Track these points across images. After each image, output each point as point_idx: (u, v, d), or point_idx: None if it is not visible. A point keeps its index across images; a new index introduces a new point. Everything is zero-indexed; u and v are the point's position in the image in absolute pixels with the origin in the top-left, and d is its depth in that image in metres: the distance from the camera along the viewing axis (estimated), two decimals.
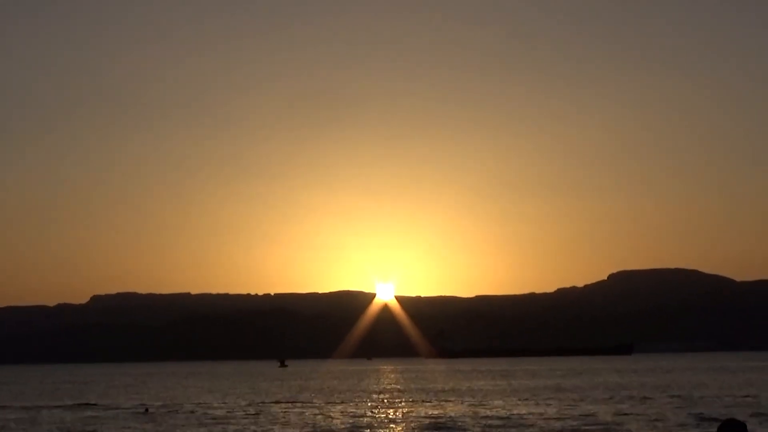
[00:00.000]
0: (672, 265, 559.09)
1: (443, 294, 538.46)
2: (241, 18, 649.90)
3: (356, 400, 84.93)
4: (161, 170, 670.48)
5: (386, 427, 54.56)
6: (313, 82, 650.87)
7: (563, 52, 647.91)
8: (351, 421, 59.49)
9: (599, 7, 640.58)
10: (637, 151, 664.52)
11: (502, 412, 64.12)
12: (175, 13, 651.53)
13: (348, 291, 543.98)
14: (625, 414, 60.60)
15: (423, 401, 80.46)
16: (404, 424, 56.58)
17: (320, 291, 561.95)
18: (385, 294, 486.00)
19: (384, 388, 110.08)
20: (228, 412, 70.83)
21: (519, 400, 79.64)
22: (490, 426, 54.20)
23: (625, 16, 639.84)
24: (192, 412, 71.02)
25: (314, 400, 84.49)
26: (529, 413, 62.80)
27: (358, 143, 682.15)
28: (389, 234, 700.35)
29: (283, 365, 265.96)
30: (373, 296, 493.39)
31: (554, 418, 58.15)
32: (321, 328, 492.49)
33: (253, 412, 68.59)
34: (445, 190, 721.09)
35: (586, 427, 51.59)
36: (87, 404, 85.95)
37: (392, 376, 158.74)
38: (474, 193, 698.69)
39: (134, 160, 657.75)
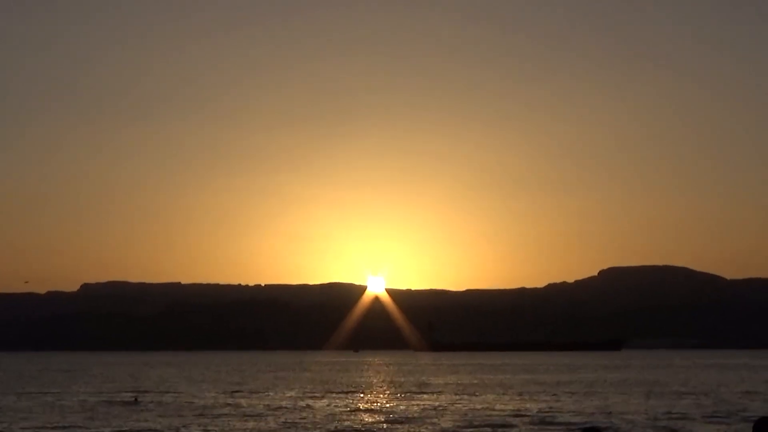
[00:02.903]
0: (662, 263, 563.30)
1: (434, 287, 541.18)
2: (235, 9, 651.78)
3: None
4: (153, 161, 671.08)
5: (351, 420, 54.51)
6: (305, 75, 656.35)
7: (556, 48, 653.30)
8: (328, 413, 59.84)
9: (594, 2, 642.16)
10: (629, 148, 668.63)
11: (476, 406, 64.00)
12: (169, 4, 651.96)
13: (339, 283, 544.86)
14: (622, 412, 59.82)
15: (393, 394, 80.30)
16: (378, 416, 56.49)
17: (311, 283, 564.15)
18: (376, 287, 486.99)
19: (353, 381, 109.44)
20: (214, 401, 70.95)
21: (504, 395, 79.21)
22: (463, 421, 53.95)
23: (619, 12, 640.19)
24: (180, 401, 70.87)
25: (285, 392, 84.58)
26: (510, 410, 62.08)
27: (350, 136, 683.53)
28: (381, 227, 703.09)
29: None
30: (364, 289, 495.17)
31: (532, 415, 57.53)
32: (311, 320, 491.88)
33: (232, 402, 68.79)
34: (437, 184, 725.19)
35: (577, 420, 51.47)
36: (77, 392, 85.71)
37: (375, 369, 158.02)
38: (466, 188, 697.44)
39: (126, 150, 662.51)
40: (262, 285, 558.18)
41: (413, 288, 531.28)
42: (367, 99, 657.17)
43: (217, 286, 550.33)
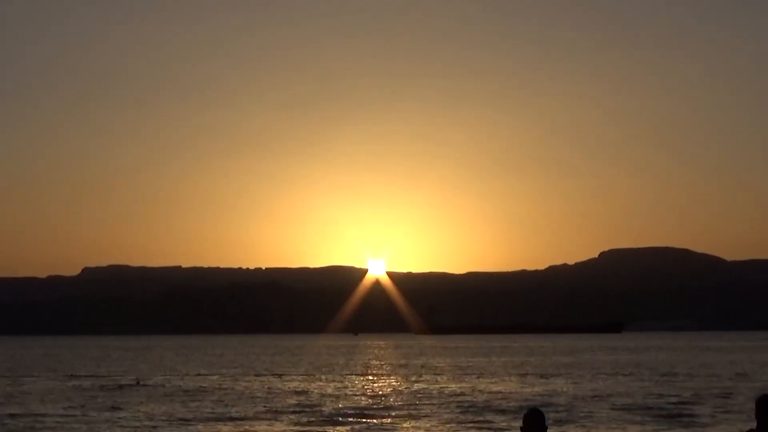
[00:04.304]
0: (662, 244, 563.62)
1: (434, 270, 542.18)
2: None
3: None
4: (153, 144, 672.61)
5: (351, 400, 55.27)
6: (306, 57, 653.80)
7: (555, 27, 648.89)
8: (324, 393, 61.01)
9: None
10: (630, 129, 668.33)
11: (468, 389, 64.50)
12: None
13: (339, 266, 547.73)
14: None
15: (391, 375, 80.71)
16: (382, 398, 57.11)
17: (312, 266, 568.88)
18: (377, 269, 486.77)
19: (350, 362, 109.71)
20: (214, 384, 71.85)
21: (508, 376, 79.73)
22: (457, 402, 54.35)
23: None
24: (181, 384, 71.50)
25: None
26: (510, 390, 62.80)
27: (350, 119, 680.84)
28: (381, 210, 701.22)
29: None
30: (364, 272, 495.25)
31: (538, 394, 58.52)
32: (312, 303, 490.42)
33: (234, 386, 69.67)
34: (438, 166, 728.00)
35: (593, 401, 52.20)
36: (79, 376, 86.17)
37: (375, 352, 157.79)
38: (466, 170, 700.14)
39: (126, 133, 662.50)
40: (263, 268, 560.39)
41: (414, 271, 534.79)
42: (367, 82, 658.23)
43: (217, 269, 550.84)
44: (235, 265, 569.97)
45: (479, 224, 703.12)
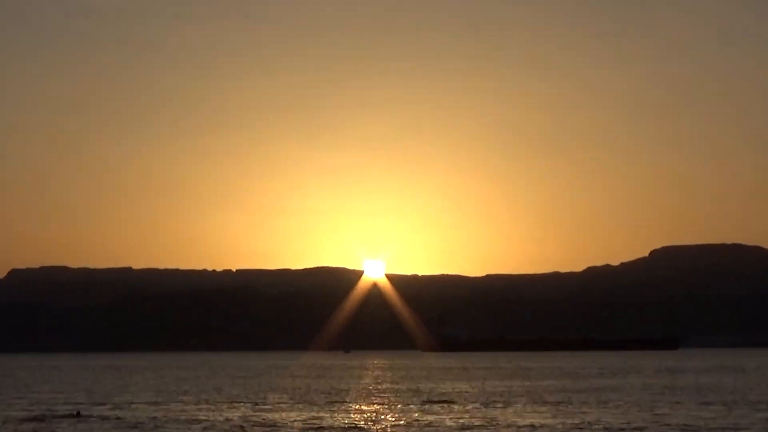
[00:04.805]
0: (729, 241, 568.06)
1: (445, 272, 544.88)
2: None
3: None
4: (94, 114, 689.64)
5: None
6: (294, 8, 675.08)
7: None
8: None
9: None
10: (692, 106, 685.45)
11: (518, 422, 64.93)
12: None
13: (328, 268, 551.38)
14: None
15: (411, 405, 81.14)
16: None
17: (293, 267, 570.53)
18: (374, 272, 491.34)
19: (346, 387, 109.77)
20: (170, 415, 72.76)
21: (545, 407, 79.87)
22: None
23: None
24: (130, 416, 72.15)
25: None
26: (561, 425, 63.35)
27: (344, 86, 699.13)
28: (380, 198, 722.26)
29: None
30: (359, 274, 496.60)
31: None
32: (293, 313, 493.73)
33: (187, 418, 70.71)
34: (449, 144, 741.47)
35: None
36: (4, 404, 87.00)
37: (370, 373, 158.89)
38: (485, 149, 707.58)
39: (60, 105, 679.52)
40: (233, 270, 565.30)
41: (420, 273, 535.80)
42: (365, 41, 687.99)
43: (176, 272, 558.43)
44: (199, 267, 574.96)
45: (501, 216, 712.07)
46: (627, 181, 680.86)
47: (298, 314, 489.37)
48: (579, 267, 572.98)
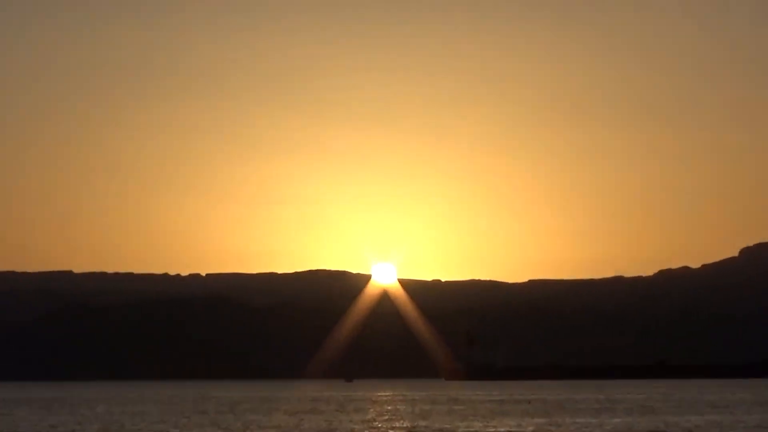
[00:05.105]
0: None
1: (476, 278, 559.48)
2: None
3: None
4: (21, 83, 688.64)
5: None
6: None
7: None
8: None
9: None
10: None
11: None
12: None
13: (326, 272, 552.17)
14: None
15: None
16: None
17: (281, 271, 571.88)
18: (384, 277, 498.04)
19: None
20: None
21: None
22: None
23: None
24: None
25: None
26: None
27: (345, 49, 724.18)
28: (391, 186, 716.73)
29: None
30: (366, 280, 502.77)
31: None
32: (282, 331, 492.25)
33: None
34: (475, 119, 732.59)
35: None
36: None
37: (378, 409, 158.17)
38: (520, 123, 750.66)
39: None
40: (203, 275, 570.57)
41: (443, 279, 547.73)
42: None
43: (130, 277, 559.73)
44: (159, 271, 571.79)
45: (545, 208, 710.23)
46: (710, 167, 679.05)
47: (287, 332, 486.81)
48: (649, 270, 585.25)
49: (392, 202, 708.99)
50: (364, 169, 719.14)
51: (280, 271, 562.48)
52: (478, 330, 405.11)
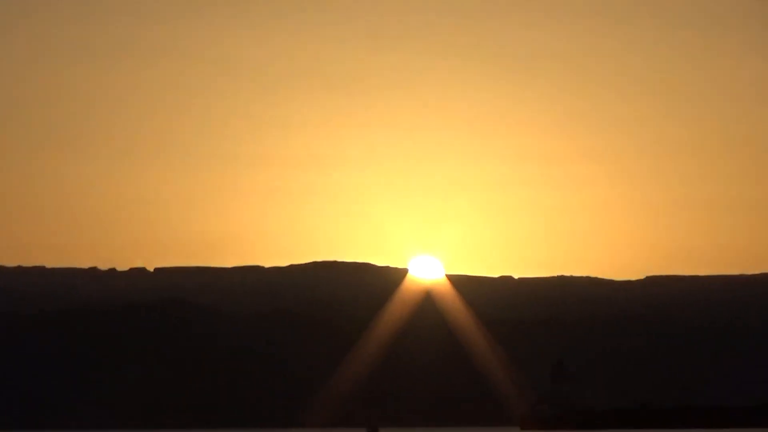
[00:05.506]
0: None
1: (564, 273, 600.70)
2: None
3: None
4: None
5: None
6: None
7: None
8: None
9: None
10: None
11: None
12: None
13: (337, 263, 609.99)
14: None
15: None
16: None
17: (267, 265, 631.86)
18: (426, 271, 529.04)
19: None
20: None
21: None
22: None
23: None
24: None
25: None
26: None
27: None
28: (436, 164, 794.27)
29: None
30: (402, 275, 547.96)
31: None
32: (275, 348, 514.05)
33: None
34: (545, 81, 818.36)
35: None
36: None
37: None
38: (605, 88, 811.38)
39: None
40: (149, 270, 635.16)
41: (516, 275, 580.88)
42: None
43: (64, 272, 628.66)
44: (105, 266, 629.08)
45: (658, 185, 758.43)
46: None
47: (284, 351, 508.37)
48: None
49: (437, 184, 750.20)
50: (396, 142, 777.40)
51: (266, 266, 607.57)
52: (571, 354, 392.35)
